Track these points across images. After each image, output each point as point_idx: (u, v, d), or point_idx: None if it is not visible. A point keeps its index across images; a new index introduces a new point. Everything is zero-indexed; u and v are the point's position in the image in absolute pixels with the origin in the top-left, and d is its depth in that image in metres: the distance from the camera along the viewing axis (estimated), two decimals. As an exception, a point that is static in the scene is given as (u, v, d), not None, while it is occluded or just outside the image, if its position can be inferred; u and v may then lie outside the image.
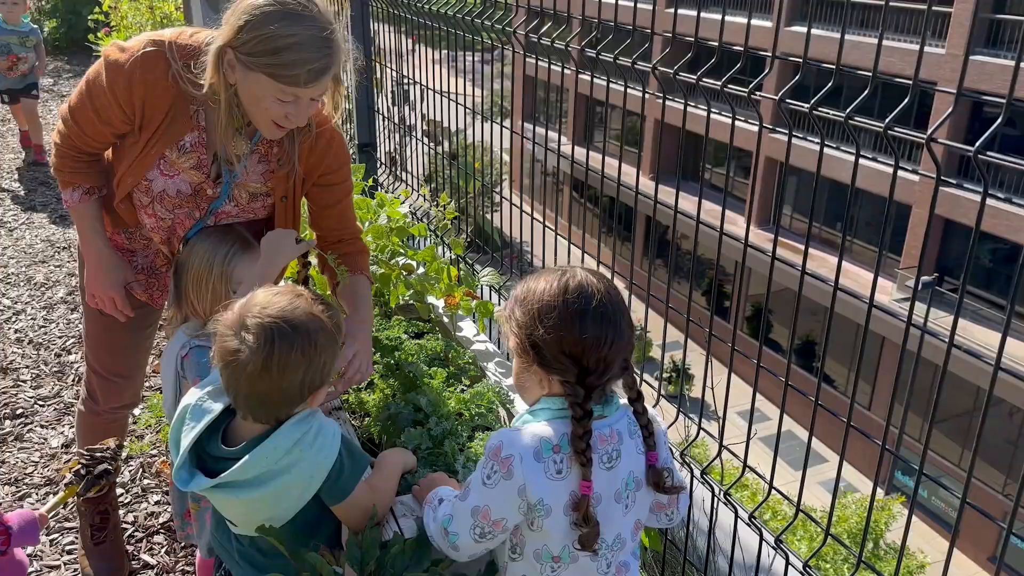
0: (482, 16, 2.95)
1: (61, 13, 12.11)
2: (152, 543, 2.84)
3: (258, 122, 1.90)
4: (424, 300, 2.83)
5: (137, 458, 3.21)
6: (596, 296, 1.45)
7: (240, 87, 1.83)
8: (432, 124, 3.63)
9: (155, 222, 2.11)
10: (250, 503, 1.55)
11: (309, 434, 1.54)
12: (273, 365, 1.45)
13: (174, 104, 1.93)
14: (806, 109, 1.47)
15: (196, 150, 2.01)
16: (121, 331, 2.33)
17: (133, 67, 1.89)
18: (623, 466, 1.50)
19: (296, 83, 1.77)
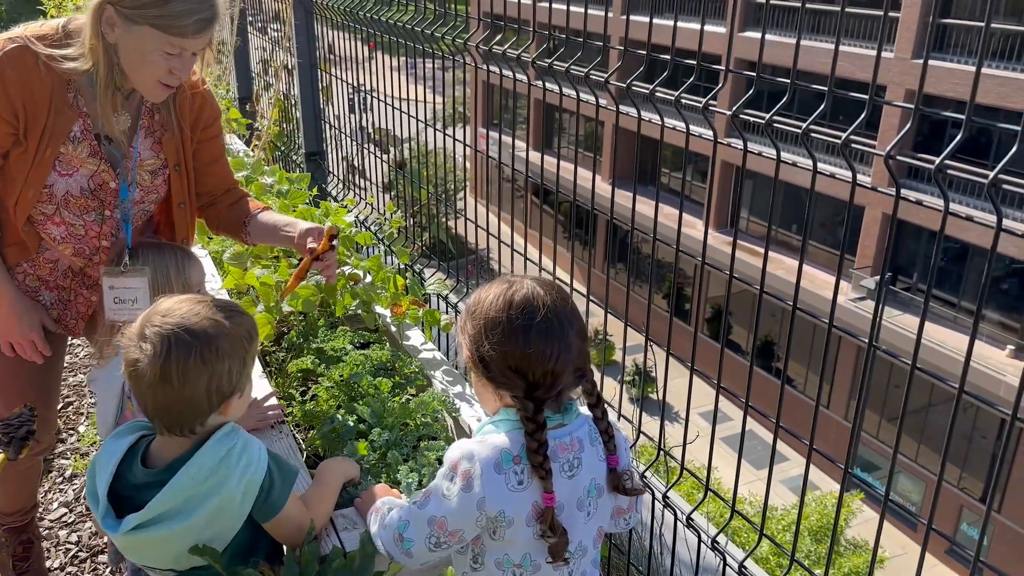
0: (437, 26, 2.95)
1: (4, 22, 11.86)
2: (96, 563, 2.78)
3: (142, 84, 1.86)
4: (371, 310, 2.81)
5: (81, 476, 3.14)
6: (541, 310, 1.44)
7: (123, 46, 1.80)
8: (381, 132, 3.61)
9: (65, 230, 2.03)
10: (183, 534, 1.48)
11: (235, 450, 1.50)
12: (172, 373, 1.41)
13: (53, 95, 1.87)
14: (763, 121, 1.48)
15: (86, 137, 1.95)
16: (34, 370, 2.18)
17: (1, 68, 1.81)
18: (584, 474, 1.49)
19: (184, 33, 1.76)
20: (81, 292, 2.17)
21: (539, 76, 2.36)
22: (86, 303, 2.18)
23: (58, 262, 2.11)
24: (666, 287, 21.08)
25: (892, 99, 16.52)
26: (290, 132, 4.58)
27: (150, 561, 1.59)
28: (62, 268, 2.12)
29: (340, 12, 3.68)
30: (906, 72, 16.53)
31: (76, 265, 2.12)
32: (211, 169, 2.20)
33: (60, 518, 2.96)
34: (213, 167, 2.21)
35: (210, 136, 2.17)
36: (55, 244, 2.06)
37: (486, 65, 2.69)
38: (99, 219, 2.03)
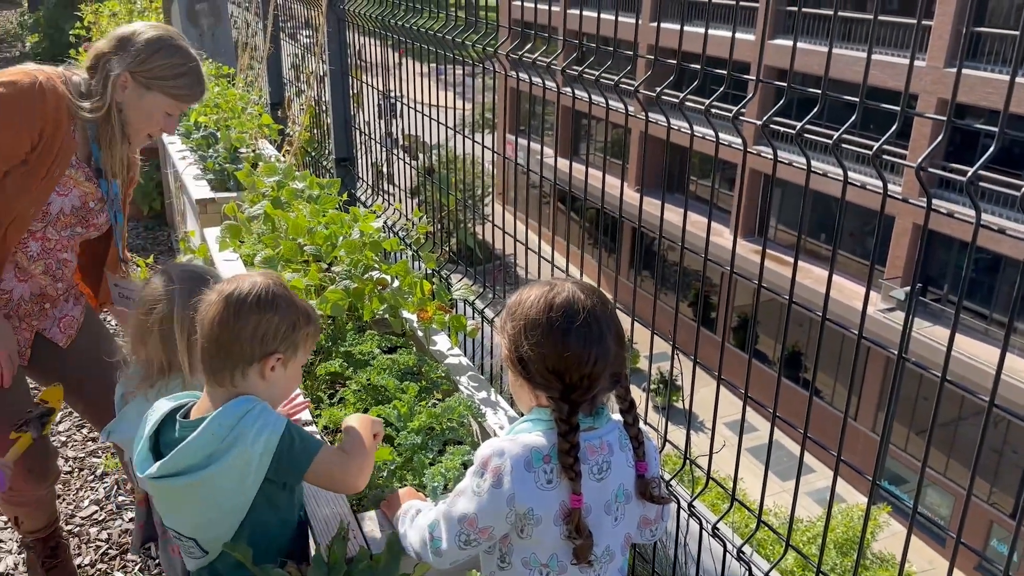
0: (466, 33, 2.97)
1: (43, 28, 12.10)
2: (126, 560, 2.82)
3: (135, 135, 2.25)
4: (398, 314, 2.83)
5: (112, 475, 3.19)
6: (581, 313, 1.46)
7: (129, 104, 2.18)
8: (411, 139, 3.64)
9: (42, 246, 2.23)
10: (200, 487, 1.54)
11: (253, 412, 1.56)
12: (230, 311, 1.58)
13: (66, 124, 2.13)
14: (794, 132, 1.48)
15: (79, 166, 2.22)
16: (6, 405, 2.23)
17: (42, 91, 2.06)
18: (613, 478, 1.50)
19: (192, 100, 2.26)
20: (28, 320, 2.30)
21: (567, 83, 2.38)
22: (29, 329, 2.32)
23: (13, 291, 2.24)
24: (692, 295, 20.97)
25: (924, 108, 16.34)
26: (320, 138, 4.63)
27: (176, 520, 1.65)
28: (16, 297, 2.25)
29: (371, 20, 3.72)
30: (938, 81, 16.34)
31: (39, 284, 2.27)
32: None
33: (91, 515, 3.02)
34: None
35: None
36: (29, 263, 2.22)
37: (515, 72, 2.70)
38: (72, 234, 2.28)
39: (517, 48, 2.59)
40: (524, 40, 2.60)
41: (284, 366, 1.64)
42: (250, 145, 4.24)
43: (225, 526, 1.59)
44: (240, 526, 1.60)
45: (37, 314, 2.32)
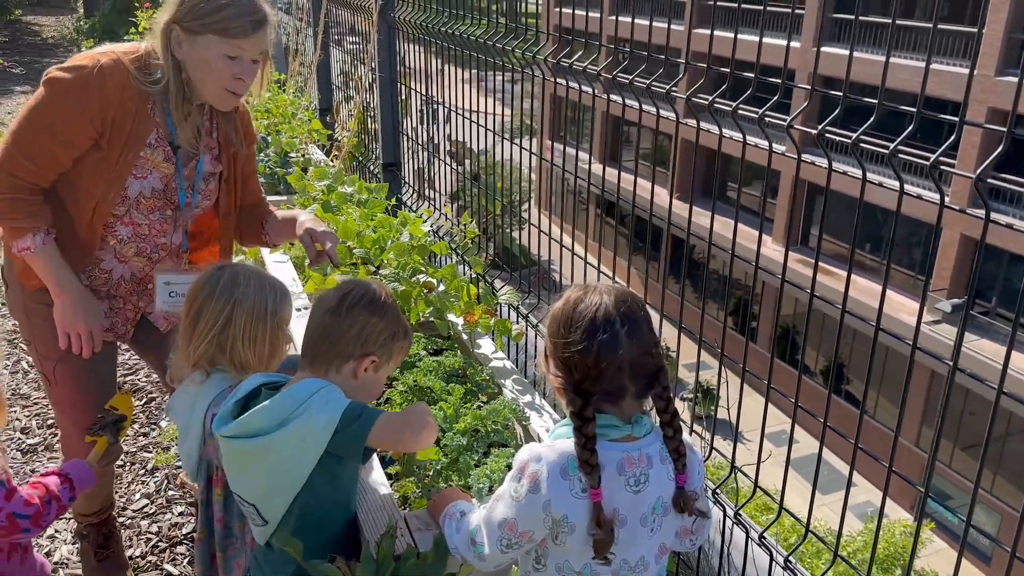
0: (508, 39, 3.00)
1: (98, 33, 12.42)
2: (175, 553, 2.89)
3: (210, 93, 2.07)
4: (444, 317, 2.87)
5: (162, 469, 3.27)
6: (592, 306, 1.49)
7: (189, 60, 2.01)
8: (457, 145, 3.68)
9: (132, 230, 2.18)
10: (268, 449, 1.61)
11: (324, 390, 1.63)
12: (344, 306, 1.70)
13: (137, 105, 2.04)
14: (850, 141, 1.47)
15: (160, 145, 2.12)
16: (94, 386, 2.30)
17: (102, 76, 1.98)
18: (651, 491, 1.50)
19: (243, 33, 1.98)
20: (131, 299, 2.31)
21: (608, 89, 2.39)
22: (134, 309, 2.33)
23: (113, 271, 2.23)
24: (732, 304, 20.77)
25: (973, 117, 16.01)
26: (367, 142, 4.70)
27: (240, 484, 1.72)
28: (116, 277, 2.24)
29: (419, 27, 3.78)
30: (988, 90, 16.00)
31: (136, 267, 2.25)
32: (250, 179, 2.42)
33: (142, 509, 3.09)
34: (250, 179, 2.42)
35: (250, 152, 2.38)
36: (121, 245, 2.19)
37: (556, 78, 2.73)
38: (162, 217, 2.20)
39: (559, 54, 2.61)
40: (567, 46, 2.63)
41: (375, 370, 1.74)
42: (300, 150, 4.33)
43: (284, 494, 1.65)
44: (296, 501, 1.66)
45: (140, 293, 2.31)
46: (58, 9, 20.02)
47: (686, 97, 1.94)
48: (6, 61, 8.42)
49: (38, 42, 15.35)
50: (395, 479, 2.17)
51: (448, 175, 3.98)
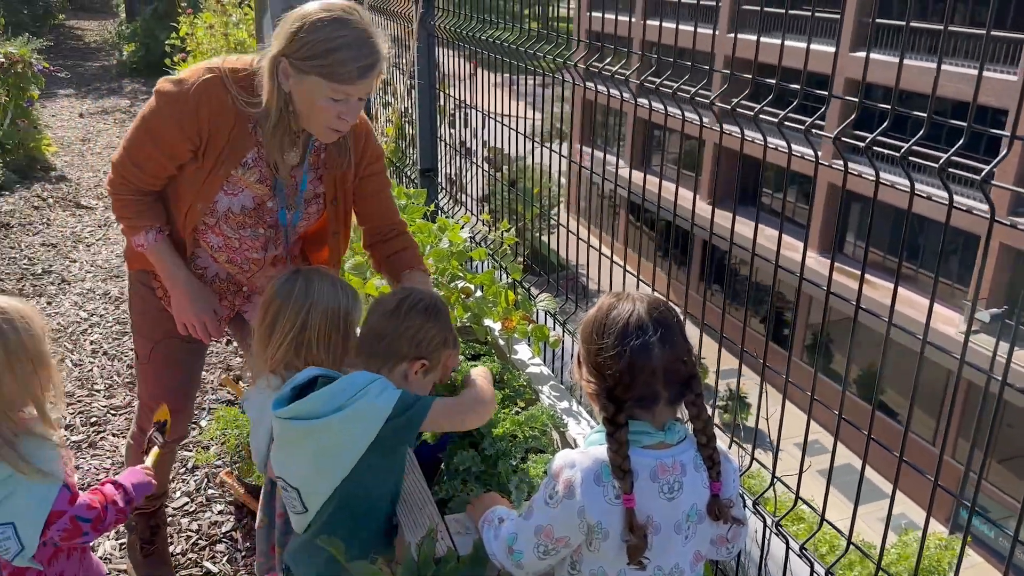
0: (540, 45, 3.03)
1: (140, 38, 12.65)
2: (215, 551, 2.94)
3: (313, 127, 2.01)
4: (481, 323, 2.89)
5: (203, 468, 3.32)
6: (625, 313, 1.51)
7: (295, 93, 1.95)
8: (493, 151, 3.71)
9: (222, 240, 2.22)
10: (322, 431, 1.67)
11: (380, 381, 1.71)
12: (403, 308, 1.82)
13: (235, 124, 2.04)
14: (863, 145, 1.48)
15: (257, 165, 2.12)
16: (180, 365, 2.41)
17: (198, 94, 1.98)
18: (685, 498, 1.50)
19: (348, 80, 1.89)
20: (227, 297, 2.36)
21: (640, 94, 2.40)
22: (230, 306, 2.38)
23: (208, 268, 2.30)
24: (763, 310, 20.57)
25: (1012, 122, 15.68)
26: (404, 148, 4.75)
27: (287, 467, 1.77)
28: (211, 274, 2.32)
29: (457, 34, 3.81)
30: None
31: (229, 271, 2.30)
32: (370, 201, 2.34)
33: (183, 507, 3.15)
34: (372, 199, 2.34)
35: (371, 172, 2.30)
36: (212, 251, 2.25)
37: (587, 83, 2.74)
38: (253, 235, 2.21)
39: (590, 59, 2.63)
40: (598, 51, 2.64)
41: (424, 375, 1.81)
42: (338, 154, 4.36)
43: (330, 478, 1.70)
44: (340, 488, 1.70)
45: (235, 293, 2.37)
46: (100, 14, 20.41)
47: (710, 102, 1.94)
48: (51, 65, 8.62)
49: (81, 46, 15.68)
50: (435, 481, 2.20)
51: (479, 180, 4.01)
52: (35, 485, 1.72)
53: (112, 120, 9.72)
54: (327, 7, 1.90)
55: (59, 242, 5.89)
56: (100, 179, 7.39)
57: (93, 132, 9.11)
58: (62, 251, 5.74)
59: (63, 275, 5.33)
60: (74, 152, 8.29)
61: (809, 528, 6.06)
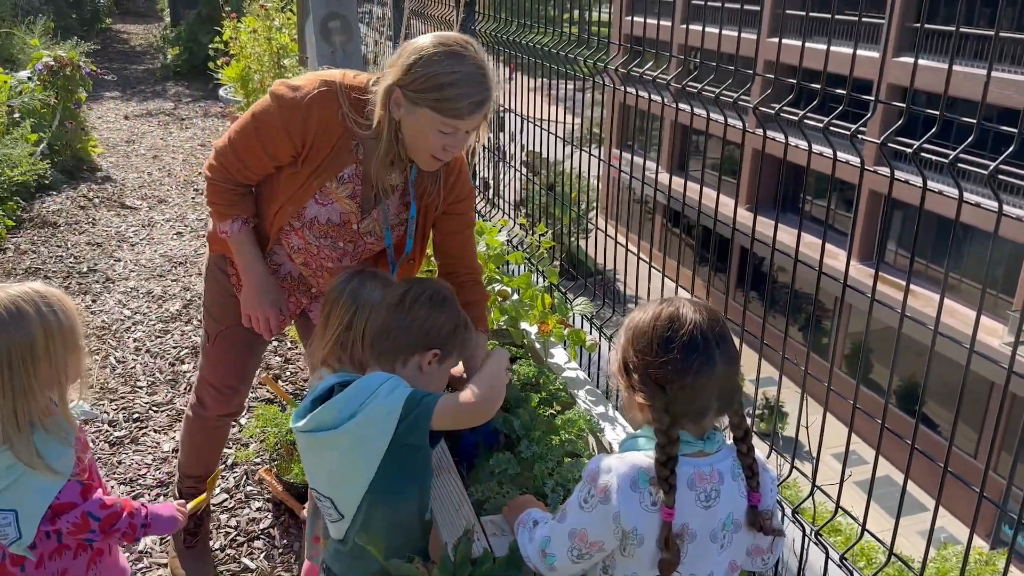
0: (573, 47, 3.03)
1: (183, 42, 12.87)
2: (252, 548, 2.98)
3: (418, 155, 2.05)
4: (518, 326, 2.90)
5: (242, 465, 3.37)
6: (687, 325, 1.47)
7: (404, 122, 1.99)
8: (532, 155, 3.72)
9: (303, 244, 2.29)
10: (341, 438, 1.68)
11: (392, 380, 1.71)
12: (407, 300, 1.81)
13: (340, 139, 2.09)
14: (910, 151, 1.46)
15: (352, 181, 2.17)
16: (242, 350, 2.52)
17: (310, 105, 2.03)
18: (722, 507, 1.50)
19: (458, 115, 1.92)
20: (295, 294, 2.46)
21: (678, 98, 2.39)
22: (296, 304, 2.48)
23: (283, 265, 2.39)
24: (802, 319, 20.32)
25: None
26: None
27: (317, 477, 1.80)
28: (284, 271, 2.40)
29: (496, 39, 3.83)
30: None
31: (302, 272, 2.39)
32: (449, 239, 2.35)
33: (221, 503, 3.20)
34: (452, 237, 2.34)
35: (456, 211, 2.31)
36: (291, 252, 2.33)
37: (625, 87, 2.74)
38: (332, 247, 2.28)
39: (628, 63, 2.63)
40: (635, 55, 2.64)
41: (439, 363, 1.81)
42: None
43: (358, 484, 1.71)
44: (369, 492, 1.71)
45: (303, 292, 2.45)
46: (145, 18, 20.82)
47: (754, 107, 1.93)
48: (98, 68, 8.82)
49: (127, 49, 16.00)
50: (471, 482, 2.21)
51: (514, 183, 4.01)
52: (41, 477, 1.73)
53: (156, 122, 9.91)
54: (443, 41, 1.94)
55: (104, 241, 6.02)
56: (144, 180, 7.54)
57: (137, 134, 9.30)
58: (107, 250, 5.86)
59: (107, 274, 5.44)
60: (119, 153, 8.46)
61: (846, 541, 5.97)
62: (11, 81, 7.19)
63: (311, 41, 6.14)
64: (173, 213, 6.65)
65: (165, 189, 7.26)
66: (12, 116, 6.90)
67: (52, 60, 7.51)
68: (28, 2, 12.43)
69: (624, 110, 3.59)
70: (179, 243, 6.03)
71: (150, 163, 8.10)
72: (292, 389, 3.96)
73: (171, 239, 6.12)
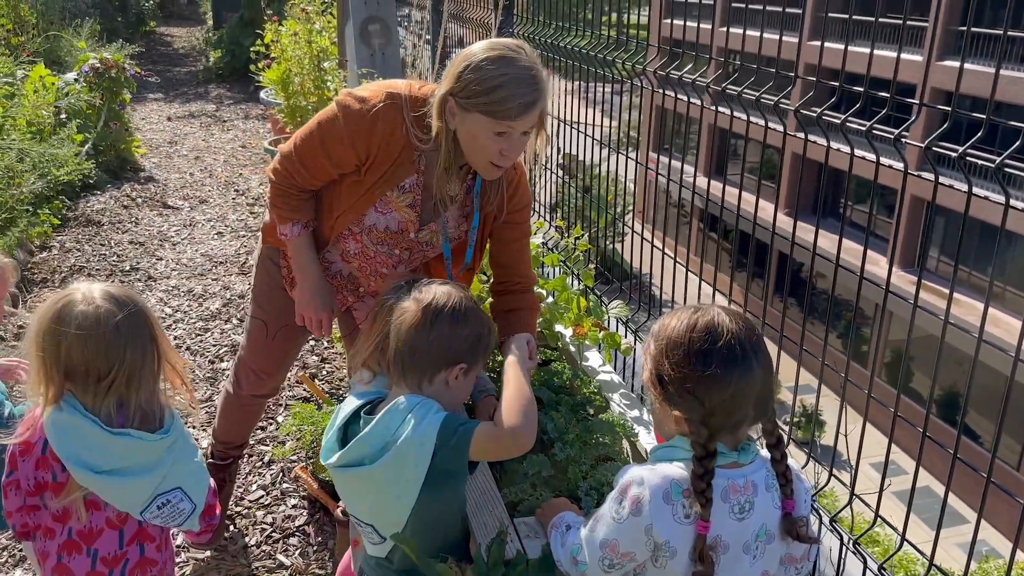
0: (611, 50, 3.03)
1: (226, 44, 13.08)
2: (288, 545, 3.02)
3: (476, 163, 2.07)
4: (553, 328, 2.90)
5: (278, 463, 3.42)
6: (724, 335, 1.44)
7: (459, 130, 2.01)
8: (568, 157, 3.72)
9: (360, 248, 2.34)
10: (376, 474, 1.68)
11: (421, 406, 1.68)
12: (428, 319, 1.74)
13: (402, 152, 2.12)
14: (956, 155, 1.44)
15: (413, 191, 2.21)
16: (282, 340, 2.61)
17: (375, 118, 2.07)
18: (755, 518, 1.48)
19: (508, 116, 1.92)
20: (343, 293, 2.51)
21: (716, 101, 2.37)
22: (342, 302, 2.54)
23: (334, 264, 2.45)
24: (841, 326, 20.04)
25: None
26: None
27: (355, 507, 1.80)
28: (335, 270, 2.46)
29: (533, 41, 3.84)
30: None
31: (354, 273, 2.45)
32: (506, 248, 2.35)
33: (258, 499, 3.24)
34: (507, 247, 2.35)
35: (514, 220, 2.31)
36: (346, 255, 2.39)
37: (663, 90, 2.73)
38: (388, 253, 2.33)
39: (666, 66, 2.62)
40: (674, 58, 2.63)
41: (465, 375, 1.77)
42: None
43: (398, 513, 1.70)
44: (411, 517, 1.70)
45: (352, 291, 2.51)
46: (188, 21, 21.19)
47: (796, 110, 1.91)
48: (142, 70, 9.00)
49: (170, 52, 16.30)
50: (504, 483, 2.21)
51: (548, 185, 4.01)
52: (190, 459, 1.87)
53: (198, 124, 10.08)
54: (492, 46, 1.96)
55: (146, 240, 6.13)
56: (186, 180, 7.67)
57: (180, 135, 9.46)
58: (149, 249, 5.97)
59: (149, 272, 5.55)
60: (162, 154, 8.62)
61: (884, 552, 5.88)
62: (58, 82, 7.36)
63: (351, 44, 6.21)
64: (214, 213, 6.75)
65: (206, 190, 7.38)
66: (59, 117, 7.06)
67: (98, 62, 7.67)
68: (76, 5, 12.71)
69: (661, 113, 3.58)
70: (220, 243, 6.13)
71: (192, 164, 8.24)
72: (328, 388, 4.01)
73: (212, 239, 6.21)
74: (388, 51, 5.80)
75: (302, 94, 6.29)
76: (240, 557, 2.95)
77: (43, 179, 6.01)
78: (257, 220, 6.53)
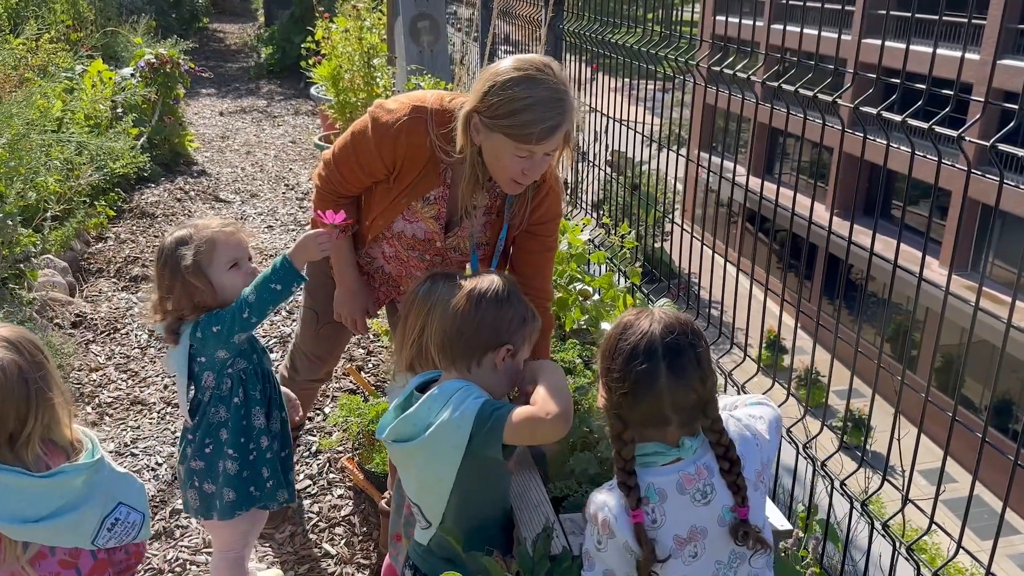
0: (662, 47, 3.01)
1: (277, 41, 13.26)
2: (333, 534, 3.06)
3: (499, 179, 2.11)
4: (598, 326, 2.90)
5: (325, 453, 3.47)
6: (636, 336, 1.51)
7: (484, 147, 2.05)
8: (616, 155, 3.71)
9: (394, 252, 2.45)
10: (419, 451, 1.73)
11: (463, 390, 1.72)
12: (471, 303, 1.79)
13: (428, 164, 2.18)
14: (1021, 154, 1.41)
15: (438, 203, 2.28)
16: (333, 328, 2.73)
17: (399, 131, 2.14)
18: (720, 496, 1.52)
19: (529, 141, 1.94)
20: (386, 287, 2.62)
21: (766, 98, 2.35)
22: (386, 295, 2.64)
23: (375, 260, 2.55)
24: (891, 329, 19.65)
25: None
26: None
27: (407, 484, 1.86)
28: (376, 266, 2.57)
29: (582, 37, 3.83)
30: None
31: (392, 272, 2.55)
32: (526, 259, 2.37)
33: (305, 489, 3.29)
34: (529, 257, 2.37)
35: (538, 232, 2.32)
36: (383, 257, 2.51)
37: (715, 87, 2.71)
38: (420, 258, 2.42)
39: (722, 63, 2.59)
40: (725, 54, 2.61)
41: (512, 357, 1.81)
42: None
43: (438, 493, 1.74)
44: (451, 500, 1.74)
45: (392, 286, 2.61)
46: (241, 18, 21.52)
47: (854, 107, 1.89)
48: (196, 65, 9.17)
49: (222, 48, 16.57)
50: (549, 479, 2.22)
51: (594, 183, 4.00)
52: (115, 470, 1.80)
53: (249, 119, 10.24)
54: (520, 64, 1.96)
55: (199, 233, 6.26)
56: (237, 174, 7.81)
57: (232, 130, 9.63)
58: (201, 241, 6.09)
59: (201, 264, 5.66)
60: (214, 148, 8.78)
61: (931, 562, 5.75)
62: (115, 77, 7.53)
63: (400, 41, 6.26)
64: (265, 207, 6.86)
65: (257, 184, 7.50)
66: (116, 111, 7.22)
67: (153, 58, 7.83)
68: (132, 2, 12.99)
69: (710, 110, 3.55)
70: (270, 236, 6.22)
71: (243, 158, 8.39)
72: (374, 380, 4.05)
73: (262, 232, 6.31)
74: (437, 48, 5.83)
75: (352, 90, 6.36)
76: (286, 545, 3.01)
77: (100, 171, 6.16)
78: (306, 214, 6.62)
